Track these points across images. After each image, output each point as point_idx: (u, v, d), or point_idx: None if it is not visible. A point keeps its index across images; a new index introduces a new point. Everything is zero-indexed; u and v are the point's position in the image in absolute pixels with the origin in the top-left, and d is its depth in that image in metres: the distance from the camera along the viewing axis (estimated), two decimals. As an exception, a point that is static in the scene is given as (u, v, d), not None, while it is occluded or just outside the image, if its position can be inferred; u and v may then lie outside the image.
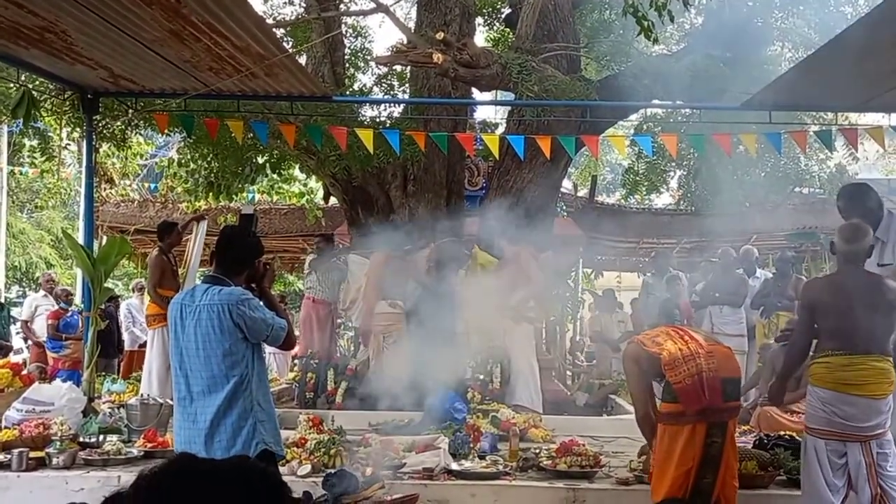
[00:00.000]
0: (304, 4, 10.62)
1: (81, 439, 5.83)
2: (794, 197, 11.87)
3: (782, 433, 5.98)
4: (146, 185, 14.71)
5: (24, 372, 7.48)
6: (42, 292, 11.23)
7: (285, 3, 11.70)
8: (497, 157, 8.15)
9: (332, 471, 4.82)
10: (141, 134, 11.33)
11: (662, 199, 15.00)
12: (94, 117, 7.93)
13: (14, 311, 13.09)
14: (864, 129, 7.91)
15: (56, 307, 10.40)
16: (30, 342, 11.19)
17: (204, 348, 3.37)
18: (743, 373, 7.62)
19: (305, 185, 13.51)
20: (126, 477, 5.18)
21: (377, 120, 9.74)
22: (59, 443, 5.44)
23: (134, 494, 1.36)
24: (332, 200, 11.85)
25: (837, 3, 8.98)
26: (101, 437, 5.87)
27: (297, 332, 4.09)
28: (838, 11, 8.93)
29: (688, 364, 4.29)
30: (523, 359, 7.86)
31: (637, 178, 11.70)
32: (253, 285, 3.72)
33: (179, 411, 3.53)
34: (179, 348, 3.47)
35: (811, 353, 4.49)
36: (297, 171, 12.26)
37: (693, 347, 4.37)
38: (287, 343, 3.72)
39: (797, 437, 5.68)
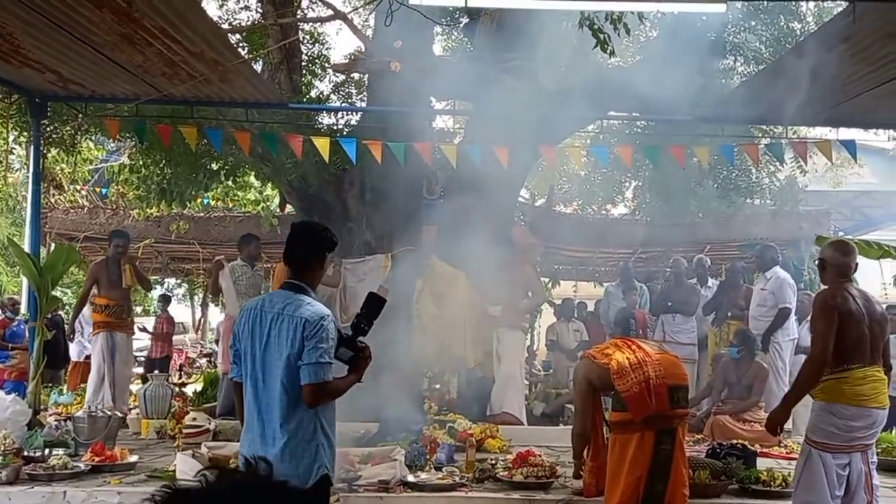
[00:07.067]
0: (260, 10, 10.51)
1: (26, 453, 5.67)
2: (745, 208, 12.09)
3: (735, 442, 6.08)
4: (97, 189, 14.33)
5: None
6: None
7: (241, 7, 11.56)
8: (455, 166, 8.15)
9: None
10: (91, 139, 11.07)
11: (618, 210, 15.17)
12: (42, 122, 7.75)
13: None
14: (812, 142, 8.11)
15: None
16: None
17: (276, 360, 3.18)
18: (693, 381, 7.74)
19: (261, 192, 13.34)
20: (72, 492, 5.04)
21: (334, 128, 9.67)
22: (2, 457, 5.28)
23: None
24: (289, 208, 11.73)
25: (787, 20, 9.18)
26: (47, 451, 5.71)
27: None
28: (788, 28, 9.14)
29: (635, 372, 4.41)
30: (515, 366, 7.81)
31: (594, 189, 11.80)
32: (360, 335, 3.35)
33: (247, 424, 3.32)
34: (254, 357, 3.24)
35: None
36: (252, 178, 12.10)
37: (640, 356, 4.49)
38: (313, 396, 3.16)
39: (749, 447, 5.79)
